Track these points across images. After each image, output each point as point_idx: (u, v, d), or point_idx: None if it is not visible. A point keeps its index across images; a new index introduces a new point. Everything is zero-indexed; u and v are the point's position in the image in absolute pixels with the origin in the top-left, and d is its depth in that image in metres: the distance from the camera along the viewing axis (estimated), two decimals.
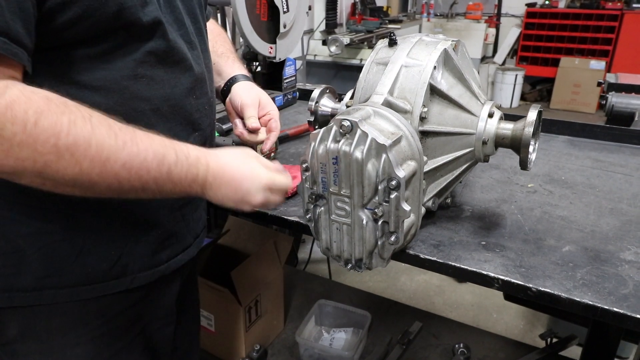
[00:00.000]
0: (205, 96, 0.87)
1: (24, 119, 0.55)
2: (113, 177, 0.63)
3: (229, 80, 1.04)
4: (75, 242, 0.76)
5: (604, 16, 5.47)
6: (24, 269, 0.74)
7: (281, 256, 1.81)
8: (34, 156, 0.57)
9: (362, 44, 3.69)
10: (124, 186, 0.65)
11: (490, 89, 5.92)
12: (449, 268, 0.85)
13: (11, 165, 0.57)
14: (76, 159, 0.59)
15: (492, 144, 0.87)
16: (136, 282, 0.82)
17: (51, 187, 0.61)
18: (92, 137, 0.60)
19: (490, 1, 6.22)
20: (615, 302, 0.74)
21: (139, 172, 0.64)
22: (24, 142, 0.56)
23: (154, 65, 0.74)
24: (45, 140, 0.57)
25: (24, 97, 0.56)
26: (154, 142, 0.67)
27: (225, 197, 0.75)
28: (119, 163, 0.62)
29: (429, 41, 0.90)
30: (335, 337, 1.90)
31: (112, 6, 0.64)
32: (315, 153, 0.78)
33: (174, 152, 0.69)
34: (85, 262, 0.77)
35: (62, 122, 0.58)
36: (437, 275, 0.89)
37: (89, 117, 0.61)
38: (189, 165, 0.70)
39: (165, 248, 0.86)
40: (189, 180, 0.70)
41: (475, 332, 1.92)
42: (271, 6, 1.60)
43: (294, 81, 1.84)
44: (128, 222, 0.80)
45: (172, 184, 0.69)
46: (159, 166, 0.66)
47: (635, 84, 2.00)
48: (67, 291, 0.77)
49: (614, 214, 1.00)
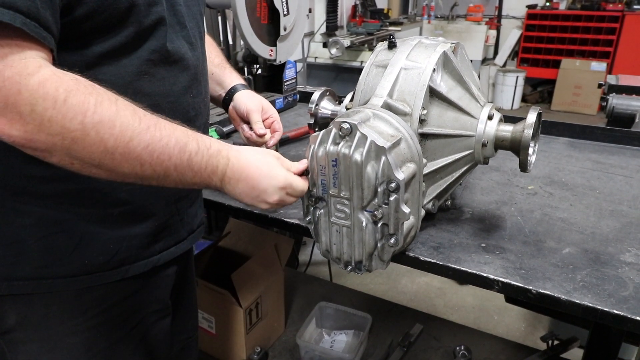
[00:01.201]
0: (200, 95, 0.90)
1: (55, 95, 0.59)
2: (135, 158, 0.65)
3: (230, 89, 1.10)
4: (74, 233, 0.78)
5: (604, 18, 5.47)
6: (23, 258, 0.77)
7: (282, 258, 1.82)
8: (62, 132, 0.59)
9: (363, 46, 3.69)
10: (146, 170, 0.66)
11: (491, 91, 5.91)
12: (448, 270, 0.85)
13: (43, 141, 0.60)
14: (101, 137, 0.61)
15: (491, 146, 0.87)
16: (131, 272, 0.85)
17: (79, 167, 0.64)
18: (117, 118, 0.63)
19: (491, 3, 6.23)
20: (615, 304, 0.74)
21: (160, 156, 0.66)
22: (53, 117, 0.59)
23: (157, 63, 0.78)
24: (73, 117, 0.60)
25: (56, 77, 0.60)
26: (177, 130, 0.69)
27: (242, 193, 0.76)
28: (141, 145, 0.64)
29: (428, 44, 0.90)
30: (336, 339, 1.90)
31: (124, 3, 0.68)
32: (314, 155, 0.79)
33: (196, 142, 0.70)
34: (84, 253, 0.79)
35: (89, 101, 0.61)
36: (438, 277, 0.89)
37: (115, 100, 0.64)
38: (210, 157, 0.72)
39: (159, 240, 0.89)
40: (208, 171, 0.72)
41: (476, 334, 1.92)
42: (271, 9, 1.60)
43: (295, 84, 1.84)
44: (125, 213, 0.82)
45: (193, 173, 0.70)
46: (180, 153, 0.68)
47: (636, 86, 1.99)
48: (64, 281, 0.80)
49: (614, 216, 1.00)
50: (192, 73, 0.85)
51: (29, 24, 0.58)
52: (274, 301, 1.86)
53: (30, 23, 0.58)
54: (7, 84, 0.57)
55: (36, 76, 0.58)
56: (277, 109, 1.74)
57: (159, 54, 0.77)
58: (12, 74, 0.57)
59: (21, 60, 0.58)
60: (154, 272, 0.90)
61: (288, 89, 1.80)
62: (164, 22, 0.76)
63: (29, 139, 0.60)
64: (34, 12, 0.59)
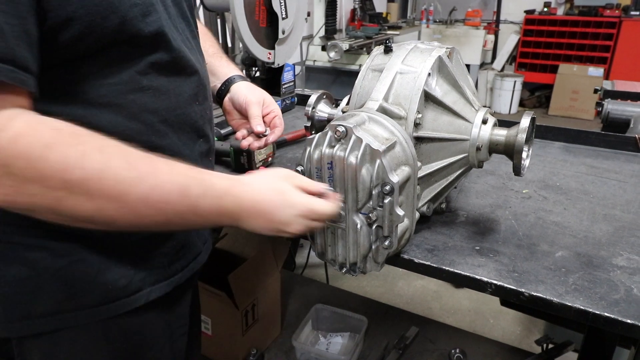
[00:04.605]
0: (206, 101, 0.85)
1: (30, 153, 0.52)
2: (131, 212, 0.59)
3: (226, 80, 1.02)
4: (92, 261, 0.72)
5: (602, 23, 5.50)
6: (41, 293, 0.70)
7: (278, 260, 1.82)
8: (43, 192, 0.54)
9: (361, 49, 3.71)
10: (145, 221, 0.61)
11: (489, 95, 5.94)
12: (442, 272, 0.86)
13: (24, 202, 0.54)
14: (90, 194, 0.56)
15: (485, 150, 0.88)
16: (153, 295, 0.79)
17: (69, 223, 0.58)
18: (106, 171, 0.56)
19: (489, 8, 6.26)
20: (607, 307, 0.74)
21: (158, 205, 0.60)
22: (32, 177, 0.53)
23: (158, 74, 0.72)
24: (54, 175, 0.53)
25: (30, 129, 0.53)
26: (175, 172, 0.63)
27: (262, 229, 0.70)
28: (137, 197, 0.58)
29: (424, 48, 0.91)
30: (332, 341, 1.90)
31: (114, 19, 0.61)
32: (310, 158, 0.79)
33: (198, 184, 0.64)
34: (105, 280, 0.73)
35: (71, 155, 0.54)
36: (435, 280, 0.90)
37: (102, 147, 0.57)
38: (216, 198, 0.66)
39: (180, 258, 0.84)
40: (215, 214, 0.66)
41: (471, 337, 1.93)
42: (270, 12, 1.62)
43: (293, 86, 1.85)
44: (143, 236, 0.76)
45: (197, 217, 0.65)
46: (181, 198, 0.62)
47: (631, 92, 2.01)
48: (88, 312, 0.73)
49: (607, 220, 1.01)
50: (196, 79, 0.80)
51: (3, 69, 0.51)
52: (271, 303, 1.87)
53: (4, 68, 0.51)
54: None
55: (8, 131, 0.51)
56: None
57: (159, 65, 0.71)
58: None
59: None
60: (176, 290, 0.85)
61: (286, 91, 1.81)
62: (163, 32, 0.70)
63: (10, 202, 0.54)
64: (7, 53, 0.51)
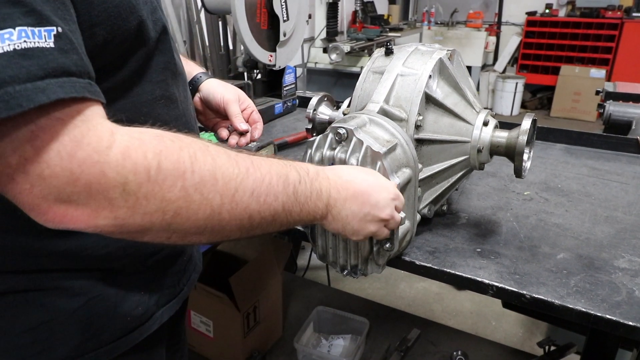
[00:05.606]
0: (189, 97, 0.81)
1: (146, 165, 0.47)
2: (243, 210, 0.55)
3: (192, 79, 0.98)
4: (110, 294, 0.67)
5: (604, 25, 5.49)
6: (56, 339, 0.64)
7: (280, 262, 1.82)
8: (162, 206, 0.49)
9: (363, 51, 3.72)
10: (254, 220, 0.57)
11: (491, 97, 5.93)
12: (444, 274, 0.86)
13: (137, 223, 0.49)
14: (205, 197, 0.51)
15: (486, 152, 0.88)
16: (165, 316, 0.75)
17: (176, 240, 0.53)
18: (217, 170, 0.52)
19: (490, 9, 6.26)
20: (608, 309, 0.74)
21: (267, 199, 0.57)
22: (150, 192, 0.48)
23: (169, 82, 0.68)
24: (172, 184, 0.49)
25: (136, 141, 0.48)
26: (273, 163, 0.60)
27: (350, 215, 0.67)
28: (247, 193, 0.55)
29: (425, 50, 0.91)
30: (334, 343, 1.90)
31: (133, 21, 0.57)
32: (311, 160, 0.79)
33: (294, 170, 0.62)
34: (123, 312, 0.68)
35: (183, 159, 0.50)
36: (437, 282, 0.90)
37: (206, 147, 0.54)
38: (312, 180, 0.63)
39: (186, 272, 0.81)
40: (314, 198, 0.63)
41: (473, 339, 1.92)
42: (271, 15, 1.62)
43: (294, 89, 1.85)
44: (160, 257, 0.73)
45: (300, 206, 0.62)
46: (285, 188, 0.59)
47: (633, 93, 2.01)
48: (107, 349, 0.68)
49: (609, 222, 1.01)
50: (182, 79, 0.75)
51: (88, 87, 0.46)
52: (272, 305, 1.87)
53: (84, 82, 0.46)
54: (85, 168, 0.44)
55: (116, 147, 0.46)
56: (276, 114, 1.77)
57: (168, 70, 0.67)
58: (86, 153, 0.44)
59: (89, 130, 0.45)
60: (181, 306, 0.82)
61: (287, 94, 1.81)
62: (166, 29, 0.65)
63: (120, 225, 0.48)
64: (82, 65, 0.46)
